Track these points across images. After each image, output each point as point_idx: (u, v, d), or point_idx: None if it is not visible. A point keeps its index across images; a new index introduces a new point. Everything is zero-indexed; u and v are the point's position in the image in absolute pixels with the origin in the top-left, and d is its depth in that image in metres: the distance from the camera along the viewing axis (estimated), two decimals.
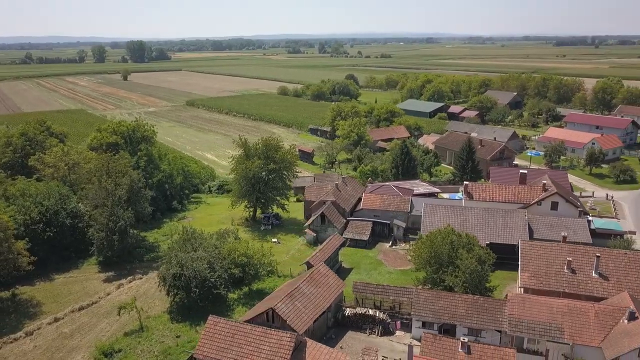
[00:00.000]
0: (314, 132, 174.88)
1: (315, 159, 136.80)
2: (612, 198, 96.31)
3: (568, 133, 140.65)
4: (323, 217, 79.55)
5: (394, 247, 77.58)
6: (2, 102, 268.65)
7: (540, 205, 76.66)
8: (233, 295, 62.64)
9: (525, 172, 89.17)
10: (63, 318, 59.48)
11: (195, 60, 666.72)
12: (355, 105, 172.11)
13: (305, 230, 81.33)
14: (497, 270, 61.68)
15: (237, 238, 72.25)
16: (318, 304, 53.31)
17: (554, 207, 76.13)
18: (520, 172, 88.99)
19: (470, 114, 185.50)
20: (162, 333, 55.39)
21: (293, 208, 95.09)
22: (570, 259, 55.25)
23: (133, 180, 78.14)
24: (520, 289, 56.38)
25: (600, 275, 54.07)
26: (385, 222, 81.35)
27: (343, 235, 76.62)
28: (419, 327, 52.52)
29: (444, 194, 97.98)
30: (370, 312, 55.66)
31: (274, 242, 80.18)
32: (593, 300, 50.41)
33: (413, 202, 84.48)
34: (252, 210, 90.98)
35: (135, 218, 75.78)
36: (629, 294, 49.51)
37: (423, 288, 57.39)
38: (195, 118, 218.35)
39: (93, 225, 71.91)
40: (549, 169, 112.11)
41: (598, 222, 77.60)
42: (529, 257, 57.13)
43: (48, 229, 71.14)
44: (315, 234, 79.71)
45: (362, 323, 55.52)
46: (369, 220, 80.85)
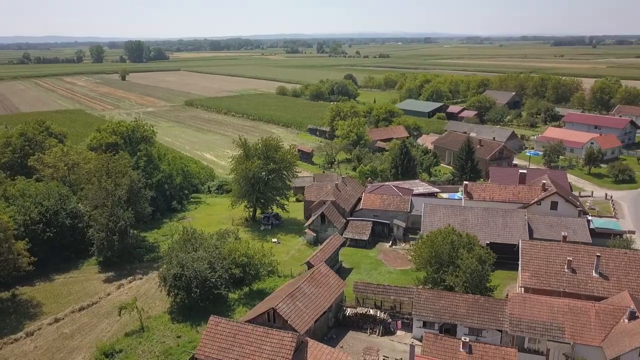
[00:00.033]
0: (313, 132, 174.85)
1: (315, 159, 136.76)
2: (611, 198, 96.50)
3: (567, 133, 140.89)
4: (323, 217, 79.60)
5: (394, 247, 77.66)
6: (0, 102, 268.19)
7: (540, 205, 76.83)
8: (233, 296, 62.66)
9: (525, 172, 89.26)
10: (63, 318, 59.42)
11: (194, 60, 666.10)
12: (354, 105, 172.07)
13: (305, 230, 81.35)
14: (497, 270, 61.75)
15: (237, 238, 72.25)
16: (319, 304, 53.36)
17: (554, 206, 76.32)
18: (520, 172, 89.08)
19: (469, 114, 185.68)
20: (163, 333, 55.38)
21: (293, 208, 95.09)
22: (571, 259, 55.38)
23: (133, 181, 78.05)
24: (521, 289, 56.45)
25: (601, 275, 54.19)
26: (385, 222, 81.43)
27: (343, 235, 76.66)
28: (420, 326, 52.61)
29: (444, 194, 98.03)
30: (371, 312, 55.71)
31: (274, 242, 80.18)
32: (593, 300, 50.52)
33: (413, 202, 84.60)
34: (251, 211, 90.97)
35: (135, 218, 75.66)
36: (629, 294, 49.68)
37: (424, 288, 57.45)
38: (194, 118, 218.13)
39: (93, 226, 71.88)
40: (548, 169, 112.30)
41: (597, 221, 77.78)
42: (530, 256, 57.22)
43: (48, 230, 71.06)
44: (315, 234, 79.75)
45: (362, 323, 55.58)
46: (369, 220, 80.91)
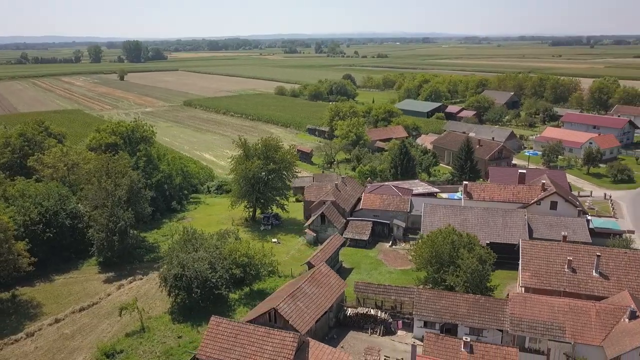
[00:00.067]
0: (312, 132, 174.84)
1: (314, 159, 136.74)
2: (610, 197, 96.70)
3: (565, 133, 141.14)
4: (323, 217, 79.63)
5: (394, 247, 77.72)
6: None
7: (540, 205, 76.98)
8: (234, 296, 62.65)
9: (524, 171, 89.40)
10: (64, 319, 59.31)
11: (192, 60, 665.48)
12: (353, 105, 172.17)
13: (305, 231, 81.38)
14: (497, 270, 61.84)
15: (237, 238, 72.19)
16: (320, 304, 53.39)
17: (553, 206, 76.47)
18: (519, 171, 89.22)
19: (468, 114, 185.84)
20: (163, 334, 55.34)
21: (292, 208, 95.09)
22: (571, 258, 55.48)
23: (133, 181, 77.95)
24: (521, 289, 56.54)
25: (601, 275, 54.29)
26: (385, 222, 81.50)
27: (343, 235, 76.70)
28: (421, 326, 52.69)
29: (443, 194, 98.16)
30: (372, 312, 55.77)
31: (274, 242, 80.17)
32: (594, 300, 50.63)
33: (412, 202, 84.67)
34: (251, 211, 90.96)
35: (135, 218, 75.61)
36: (630, 293, 49.80)
37: (424, 288, 57.50)
38: (193, 118, 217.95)
39: (93, 226, 71.78)
40: (547, 169, 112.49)
41: (597, 221, 77.93)
42: (530, 256, 57.30)
43: (48, 230, 70.92)
44: (315, 234, 79.78)
45: (363, 323, 55.61)
46: (369, 220, 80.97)
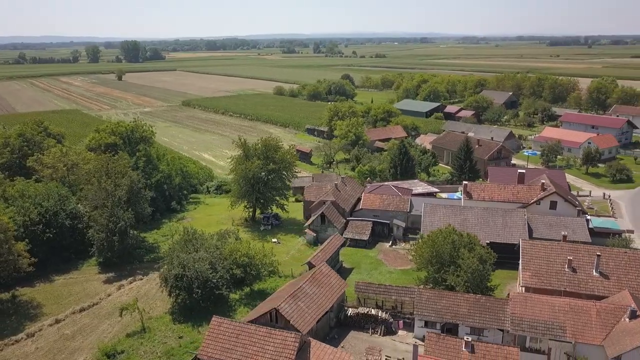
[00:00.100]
0: (311, 132, 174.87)
1: (313, 159, 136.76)
2: (609, 197, 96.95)
3: (564, 132, 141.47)
4: (323, 217, 79.65)
5: (394, 246, 77.80)
6: None
7: (539, 205, 77.13)
8: (234, 296, 62.65)
9: (524, 171, 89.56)
10: (64, 319, 59.26)
11: (190, 60, 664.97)
12: (353, 105, 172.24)
13: (305, 231, 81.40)
14: (497, 270, 61.93)
15: (237, 238, 72.16)
16: (321, 304, 53.42)
17: (553, 206, 76.64)
18: (519, 171, 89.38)
19: (467, 114, 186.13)
20: (164, 334, 55.33)
21: (292, 208, 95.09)
22: (571, 258, 55.59)
23: (133, 181, 77.86)
24: (522, 288, 56.65)
25: (601, 274, 54.41)
26: (385, 222, 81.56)
27: (343, 235, 76.75)
28: (422, 326, 52.77)
29: (443, 194, 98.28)
30: (373, 311, 55.83)
31: (274, 242, 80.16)
32: (594, 299, 50.75)
33: (412, 202, 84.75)
34: (251, 211, 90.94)
35: (135, 219, 75.55)
36: (630, 293, 49.96)
37: (425, 287, 57.58)
38: (192, 118, 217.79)
39: (93, 226, 71.71)
40: (546, 169, 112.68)
41: (596, 221, 78.04)
42: (530, 256, 57.40)
43: (47, 230, 70.85)
44: (315, 234, 79.80)
45: (364, 323, 55.67)
46: (369, 220, 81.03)
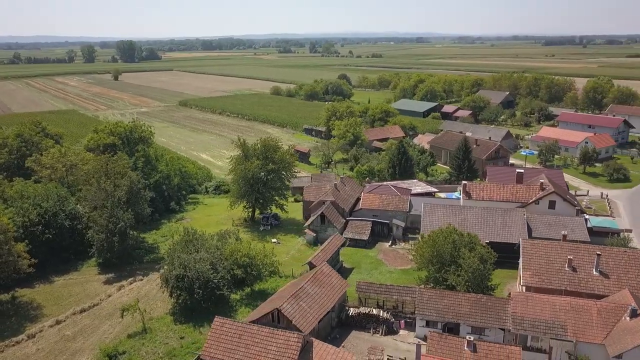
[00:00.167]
0: (309, 132, 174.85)
1: (312, 159, 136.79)
2: (606, 196, 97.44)
3: (561, 132, 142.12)
4: (323, 217, 79.71)
5: (394, 246, 77.96)
6: None
7: (538, 204, 77.48)
8: (235, 296, 62.63)
9: (522, 171, 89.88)
10: (65, 320, 59.14)
11: (186, 60, 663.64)
12: (350, 105, 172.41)
13: (305, 231, 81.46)
14: (496, 269, 62.13)
15: (238, 239, 72.15)
16: (322, 304, 53.51)
17: (552, 205, 76.99)
18: (517, 171, 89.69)
19: (464, 114, 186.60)
20: (165, 334, 55.26)
21: (291, 208, 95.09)
22: (571, 257, 55.89)
23: (133, 182, 77.72)
24: (522, 287, 56.90)
25: (601, 273, 54.72)
26: (385, 221, 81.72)
27: (343, 235, 76.85)
28: (423, 326, 52.94)
29: (441, 194, 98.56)
30: (374, 311, 55.96)
31: (274, 242, 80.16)
32: (594, 298, 51.07)
33: (411, 201, 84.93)
34: (250, 211, 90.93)
35: (135, 219, 75.40)
36: (630, 292, 50.27)
37: (426, 287, 57.76)
38: (189, 118, 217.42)
39: (92, 227, 71.53)
40: (544, 168, 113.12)
41: (594, 220, 78.43)
42: (530, 255, 57.65)
43: (47, 231, 70.61)
44: (315, 234, 79.86)
45: (365, 323, 55.79)
46: (369, 220, 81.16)
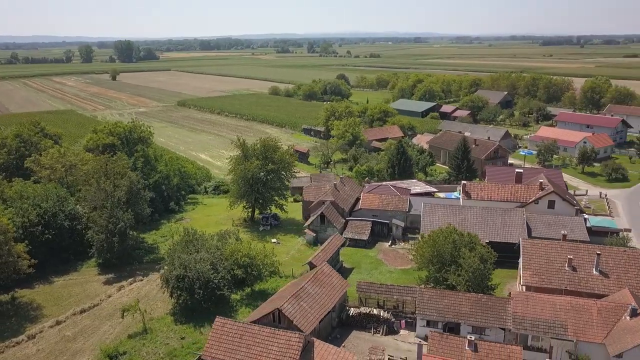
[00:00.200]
0: (308, 132, 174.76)
1: (311, 159, 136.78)
2: (605, 196, 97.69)
3: (560, 132, 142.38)
4: (322, 217, 79.73)
5: (394, 246, 78.05)
6: None
7: (537, 204, 77.65)
8: (235, 296, 62.64)
9: (521, 171, 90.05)
10: (65, 321, 59.11)
11: (184, 60, 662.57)
12: (349, 105, 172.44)
13: (305, 231, 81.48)
14: (496, 269, 62.24)
15: (238, 239, 72.11)
16: (323, 304, 53.55)
17: (551, 205, 77.18)
18: (516, 171, 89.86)
19: (462, 114, 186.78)
20: (166, 335, 55.26)
21: (291, 208, 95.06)
22: (571, 257, 56.04)
23: (132, 182, 77.63)
24: (522, 287, 57.02)
25: (601, 273, 54.89)
26: (384, 221, 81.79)
27: (342, 235, 76.89)
28: (424, 325, 53.02)
29: (440, 194, 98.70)
30: (375, 311, 56.02)
31: (274, 242, 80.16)
32: (594, 298, 51.21)
33: (411, 201, 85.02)
34: (250, 211, 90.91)
35: (134, 219, 75.31)
36: (630, 291, 50.41)
37: (426, 287, 57.84)
38: (187, 118, 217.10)
39: (92, 227, 71.42)
40: (543, 168, 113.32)
41: (594, 220, 78.65)
42: (531, 255, 57.77)
43: (47, 232, 70.48)
44: (315, 234, 79.90)
45: (366, 322, 55.85)
46: (368, 220, 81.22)
